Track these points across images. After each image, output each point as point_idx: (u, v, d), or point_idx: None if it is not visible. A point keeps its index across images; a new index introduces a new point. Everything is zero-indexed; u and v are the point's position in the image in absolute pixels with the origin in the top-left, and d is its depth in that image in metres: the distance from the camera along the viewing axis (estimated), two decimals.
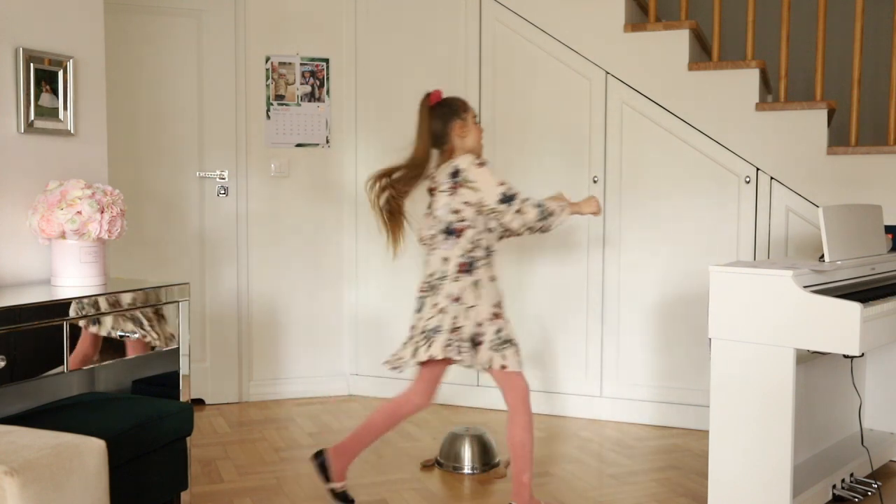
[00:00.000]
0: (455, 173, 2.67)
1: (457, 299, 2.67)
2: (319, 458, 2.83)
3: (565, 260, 3.99)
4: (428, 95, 2.82)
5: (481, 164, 2.67)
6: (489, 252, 2.73)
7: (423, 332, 2.72)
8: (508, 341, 2.69)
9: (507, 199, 2.63)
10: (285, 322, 4.35)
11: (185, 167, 4.14)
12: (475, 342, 2.66)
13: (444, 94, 2.86)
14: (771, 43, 4.43)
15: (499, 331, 2.68)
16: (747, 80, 3.68)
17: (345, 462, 2.84)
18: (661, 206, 3.82)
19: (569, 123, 3.95)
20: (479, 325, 2.67)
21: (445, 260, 2.70)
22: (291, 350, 4.37)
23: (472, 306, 2.67)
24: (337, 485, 2.84)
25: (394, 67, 4.27)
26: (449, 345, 2.65)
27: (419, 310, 2.77)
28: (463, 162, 2.68)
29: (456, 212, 2.68)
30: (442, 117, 2.79)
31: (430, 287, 2.73)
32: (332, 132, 4.36)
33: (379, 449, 3.51)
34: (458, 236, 2.69)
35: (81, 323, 2.44)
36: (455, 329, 2.66)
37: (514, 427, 2.74)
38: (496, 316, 2.69)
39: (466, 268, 2.69)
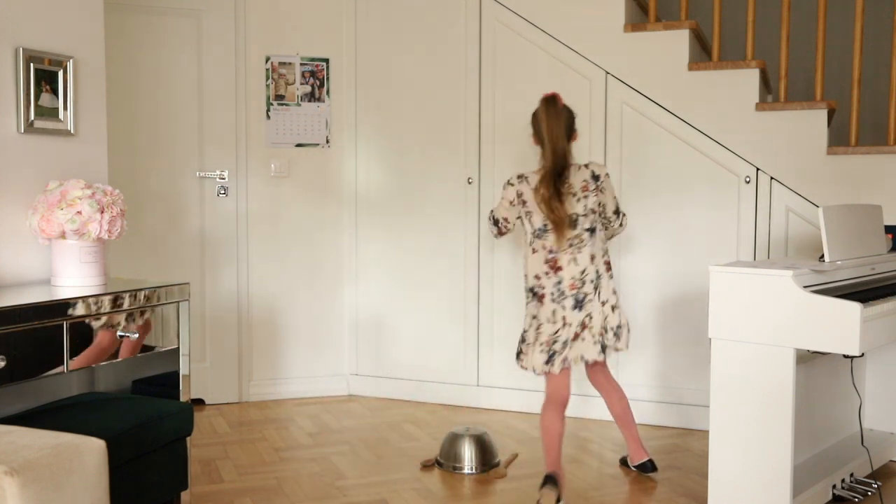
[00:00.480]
0: (596, 177, 2.95)
1: (604, 302, 2.99)
2: (551, 482, 2.89)
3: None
4: (555, 96, 3.02)
5: (608, 175, 2.99)
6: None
7: (608, 329, 2.99)
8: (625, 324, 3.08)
9: (617, 211, 3.06)
10: (285, 322, 4.35)
11: (185, 167, 4.14)
12: (617, 335, 3.03)
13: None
14: (771, 43, 4.44)
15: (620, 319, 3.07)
16: (747, 80, 3.68)
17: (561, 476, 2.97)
18: (661, 206, 3.82)
19: None
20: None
21: (593, 258, 2.95)
22: (291, 350, 4.37)
23: (616, 305, 3.02)
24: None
25: (394, 67, 4.27)
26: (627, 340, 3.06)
27: (578, 307, 2.94)
28: (600, 169, 2.97)
29: (593, 212, 2.96)
30: (570, 119, 3.00)
31: (582, 283, 2.94)
32: (332, 132, 4.36)
33: (379, 449, 3.52)
34: (594, 235, 2.97)
35: (95, 323, 2.44)
36: (604, 331, 2.99)
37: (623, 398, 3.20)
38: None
39: (609, 265, 3.04)
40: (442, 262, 4.23)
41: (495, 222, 3.12)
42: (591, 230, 2.94)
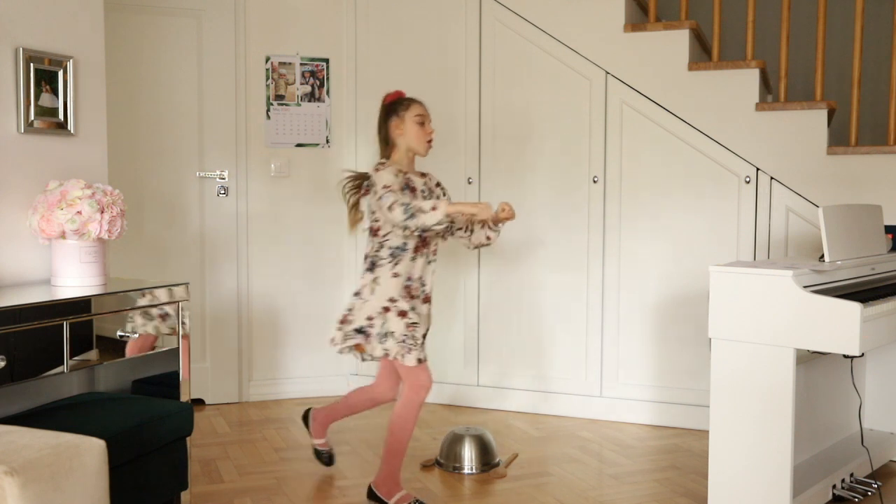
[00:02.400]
0: (367, 176, 2.92)
1: (357, 294, 2.91)
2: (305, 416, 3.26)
3: (565, 260, 3.99)
4: (386, 95, 2.98)
5: (379, 168, 2.85)
6: (397, 250, 2.88)
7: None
8: (389, 334, 2.82)
9: (381, 197, 2.77)
10: (285, 322, 4.35)
11: (185, 167, 4.14)
12: (364, 333, 2.84)
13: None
14: (771, 43, 4.44)
15: (383, 324, 2.83)
16: (747, 80, 3.68)
17: (322, 425, 3.22)
18: (661, 206, 3.82)
19: (569, 123, 3.95)
20: (370, 318, 2.84)
21: (366, 257, 2.96)
22: (291, 350, 4.37)
23: (366, 301, 2.87)
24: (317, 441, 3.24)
25: (394, 67, 4.27)
26: (338, 336, 2.90)
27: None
28: (372, 168, 2.88)
29: (372, 212, 2.91)
30: (383, 116, 2.96)
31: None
32: (332, 132, 4.36)
33: (379, 449, 3.51)
34: (374, 235, 2.93)
35: (95, 323, 2.44)
36: (345, 321, 2.89)
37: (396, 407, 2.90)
38: (386, 310, 2.84)
39: (369, 266, 2.93)
40: (441, 261, 4.22)
41: None
42: (370, 231, 2.95)
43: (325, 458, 3.25)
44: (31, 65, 2.74)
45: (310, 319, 4.38)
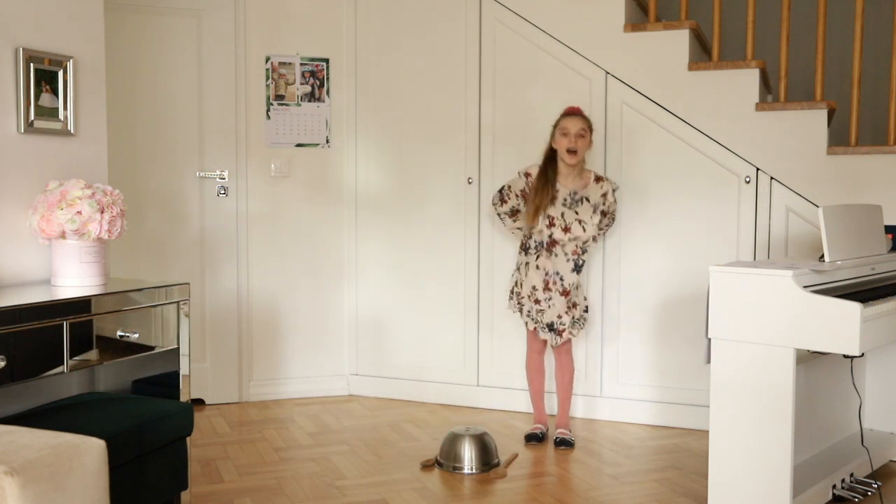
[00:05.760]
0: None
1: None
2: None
3: None
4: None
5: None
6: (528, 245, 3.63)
7: None
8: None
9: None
10: (285, 322, 4.35)
11: (185, 167, 4.14)
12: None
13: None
14: (771, 43, 4.43)
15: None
16: (747, 80, 3.68)
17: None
18: (661, 206, 3.82)
19: None
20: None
21: None
22: (291, 350, 4.37)
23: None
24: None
25: (394, 67, 4.27)
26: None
27: None
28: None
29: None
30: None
31: None
32: (332, 132, 4.36)
33: (379, 449, 3.52)
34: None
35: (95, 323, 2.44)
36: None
37: None
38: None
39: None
40: (442, 261, 4.23)
41: None
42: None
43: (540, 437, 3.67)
44: (31, 65, 2.74)
45: (310, 319, 4.38)
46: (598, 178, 3.55)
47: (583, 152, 3.48)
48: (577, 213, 3.50)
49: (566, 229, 3.49)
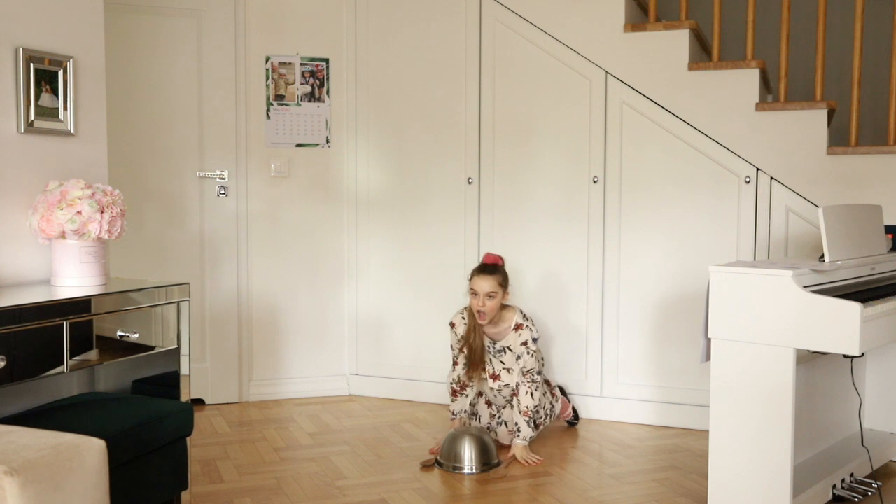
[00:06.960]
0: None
1: None
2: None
3: (565, 260, 3.99)
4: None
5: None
6: None
7: None
8: None
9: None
10: (285, 322, 4.35)
11: (185, 167, 4.14)
12: None
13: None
14: (771, 43, 4.44)
15: None
16: (747, 80, 3.68)
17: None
18: (661, 206, 3.82)
19: (569, 123, 3.95)
20: None
21: None
22: (291, 350, 4.37)
23: None
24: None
25: (394, 67, 4.27)
26: None
27: None
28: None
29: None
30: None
31: None
32: (332, 132, 4.36)
33: (379, 449, 3.52)
34: None
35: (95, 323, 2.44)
36: None
37: None
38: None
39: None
40: (442, 261, 4.23)
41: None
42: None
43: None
44: (31, 65, 2.74)
45: (310, 319, 4.38)
46: (518, 326, 3.47)
47: (492, 313, 3.43)
48: (502, 362, 3.52)
49: (495, 377, 3.53)
